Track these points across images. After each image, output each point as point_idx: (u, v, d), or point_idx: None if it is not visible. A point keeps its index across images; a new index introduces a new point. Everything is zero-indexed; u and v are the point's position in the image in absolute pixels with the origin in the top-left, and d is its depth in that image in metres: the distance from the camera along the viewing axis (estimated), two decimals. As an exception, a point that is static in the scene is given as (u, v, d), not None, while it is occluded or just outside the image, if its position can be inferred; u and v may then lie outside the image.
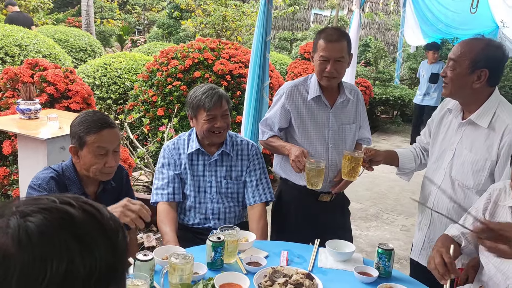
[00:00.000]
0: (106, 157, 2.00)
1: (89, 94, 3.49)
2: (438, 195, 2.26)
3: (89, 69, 5.74)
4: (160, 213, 2.43)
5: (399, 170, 2.51)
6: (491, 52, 2.05)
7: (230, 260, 2.02)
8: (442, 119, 2.35)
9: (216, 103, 2.35)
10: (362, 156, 2.28)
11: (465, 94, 2.11)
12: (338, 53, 2.34)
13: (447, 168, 2.22)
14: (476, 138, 2.12)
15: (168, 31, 14.00)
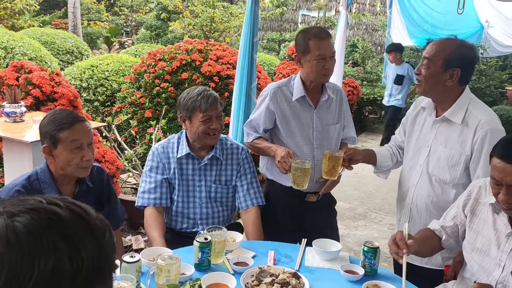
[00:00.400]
0: (82, 150, 2.00)
1: (75, 97, 3.47)
2: (416, 191, 2.32)
3: (76, 71, 5.70)
4: (147, 218, 2.41)
5: (376, 169, 2.57)
6: (464, 52, 2.13)
7: (217, 260, 2.02)
8: (416, 118, 2.42)
9: (212, 104, 2.35)
10: (342, 155, 2.31)
11: (437, 91, 2.19)
12: (331, 49, 2.42)
13: (424, 164, 2.28)
14: (450, 134, 2.20)
15: (156, 32, 13.96)
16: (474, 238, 1.92)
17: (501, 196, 1.70)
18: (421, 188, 2.30)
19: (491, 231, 1.86)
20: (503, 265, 1.78)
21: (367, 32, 15.57)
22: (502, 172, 1.66)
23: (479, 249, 1.89)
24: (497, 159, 1.69)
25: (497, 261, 1.81)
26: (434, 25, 10.58)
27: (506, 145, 1.71)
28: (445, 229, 2.04)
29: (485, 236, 1.88)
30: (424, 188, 2.29)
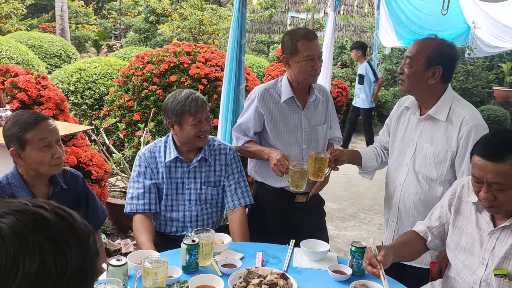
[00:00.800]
0: (51, 148, 2.00)
1: (62, 100, 3.45)
2: (404, 190, 2.34)
3: (63, 74, 5.67)
4: (135, 223, 2.39)
5: (362, 169, 2.58)
6: (445, 50, 2.17)
7: (205, 262, 2.02)
8: (400, 117, 2.45)
9: (201, 106, 2.34)
10: (328, 156, 2.32)
11: (420, 90, 2.23)
12: (319, 49, 2.45)
13: (410, 162, 2.31)
14: (435, 132, 2.23)
15: (145, 35, 13.92)
16: (458, 236, 1.94)
17: (482, 194, 1.71)
18: (408, 187, 2.32)
19: (474, 229, 1.87)
20: (486, 263, 1.80)
21: (356, 34, 15.67)
22: (483, 169, 1.68)
23: (463, 248, 1.91)
24: (477, 156, 1.70)
25: (480, 260, 1.82)
26: (421, 26, 10.66)
27: (486, 143, 1.73)
28: (431, 229, 2.05)
29: (468, 235, 1.89)
30: (411, 186, 2.31)
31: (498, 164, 1.65)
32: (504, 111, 9.08)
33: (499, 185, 1.66)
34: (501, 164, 1.64)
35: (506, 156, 1.64)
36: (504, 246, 1.76)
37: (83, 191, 2.31)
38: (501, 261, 1.76)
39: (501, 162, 1.64)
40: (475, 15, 10.24)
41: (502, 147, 1.67)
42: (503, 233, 1.78)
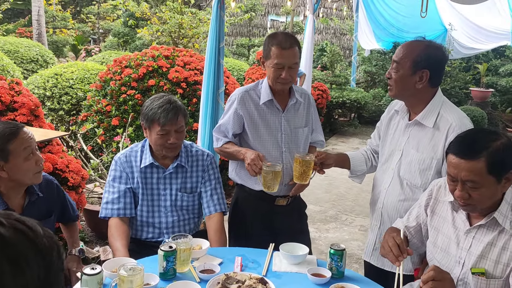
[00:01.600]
0: (34, 155, 2.01)
1: (37, 106, 3.37)
2: (387, 195, 2.31)
3: (39, 80, 5.56)
4: (111, 228, 2.35)
5: (351, 173, 2.54)
6: (431, 52, 2.13)
7: (183, 269, 1.99)
8: (390, 121, 2.41)
9: (171, 119, 2.29)
10: (313, 159, 2.30)
11: (408, 94, 2.18)
12: (292, 59, 2.38)
13: (395, 168, 2.28)
14: (422, 138, 2.19)
15: (124, 39, 13.78)
16: (435, 236, 1.95)
17: (457, 192, 1.72)
18: (392, 192, 2.29)
19: (450, 229, 1.88)
20: (462, 262, 1.81)
21: (336, 36, 15.77)
22: (457, 168, 1.69)
23: (440, 247, 1.91)
24: (452, 155, 1.71)
25: (457, 259, 1.83)
26: (399, 28, 10.81)
27: (460, 141, 1.74)
28: (408, 229, 2.06)
29: (445, 234, 1.91)
30: (395, 192, 2.28)
31: (471, 162, 1.66)
32: (481, 111, 9.22)
33: (473, 183, 1.67)
34: (475, 161, 1.65)
35: (480, 154, 1.65)
36: (480, 244, 1.77)
37: (57, 197, 2.30)
38: (478, 260, 1.77)
39: (475, 160, 1.65)
40: (451, 17, 10.42)
41: (476, 145, 1.68)
42: (479, 231, 1.79)
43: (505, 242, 1.73)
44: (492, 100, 10.74)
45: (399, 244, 1.82)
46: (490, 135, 1.71)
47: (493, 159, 1.65)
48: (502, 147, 1.67)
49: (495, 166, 1.65)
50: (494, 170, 1.65)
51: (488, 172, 1.65)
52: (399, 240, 1.84)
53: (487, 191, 1.68)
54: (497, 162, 1.65)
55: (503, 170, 1.68)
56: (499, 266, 1.73)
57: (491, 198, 1.72)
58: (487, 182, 1.67)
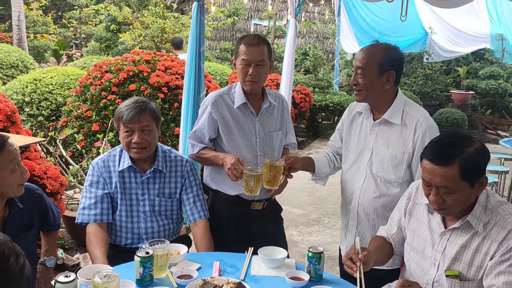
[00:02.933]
0: (20, 167, 1.97)
1: (13, 111, 3.32)
2: (362, 194, 2.35)
3: (18, 85, 5.48)
4: (89, 235, 2.33)
5: (314, 176, 2.59)
6: (393, 54, 2.23)
7: (160, 274, 1.97)
8: (352, 123, 2.47)
9: (133, 117, 2.28)
10: (283, 164, 2.31)
11: (376, 96, 2.27)
12: (258, 56, 2.39)
13: (367, 166, 2.33)
14: (391, 135, 2.26)
15: (106, 44, 13.68)
16: (412, 238, 1.97)
17: (432, 197, 1.74)
18: (367, 190, 2.33)
19: (426, 230, 1.90)
20: (437, 264, 1.83)
21: (319, 40, 15.89)
22: (431, 173, 1.70)
23: (416, 249, 1.93)
24: (426, 160, 1.73)
25: (432, 260, 1.85)
26: (381, 32, 10.91)
27: (434, 147, 1.76)
28: (392, 236, 2.07)
29: (421, 236, 1.92)
30: (369, 190, 2.32)
31: (445, 168, 1.67)
32: (461, 113, 9.36)
33: (447, 189, 1.69)
34: (449, 168, 1.67)
35: (453, 160, 1.67)
36: (454, 247, 1.79)
37: (38, 207, 2.24)
38: (452, 262, 1.79)
39: (449, 166, 1.67)
40: (431, 20, 10.56)
41: (450, 151, 1.70)
42: (453, 234, 1.81)
43: (478, 245, 1.74)
44: (472, 102, 10.91)
45: (351, 255, 1.83)
46: (464, 140, 1.73)
47: (466, 165, 1.66)
48: (475, 153, 1.69)
49: (468, 172, 1.67)
50: (468, 176, 1.67)
51: (462, 178, 1.67)
52: (352, 251, 1.85)
53: (460, 196, 1.70)
54: (470, 168, 1.67)
55: (476, 175, 1.70)
56: (472, 269, 1.75)
57: (465, 202, 1.73)
58: (461, 187, 1.68)
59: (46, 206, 2.30)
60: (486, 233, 1.73)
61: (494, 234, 1.72)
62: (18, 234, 2.07)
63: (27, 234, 2.14)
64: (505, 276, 1.66)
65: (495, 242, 1.71)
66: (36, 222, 2.22)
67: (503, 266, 1.67)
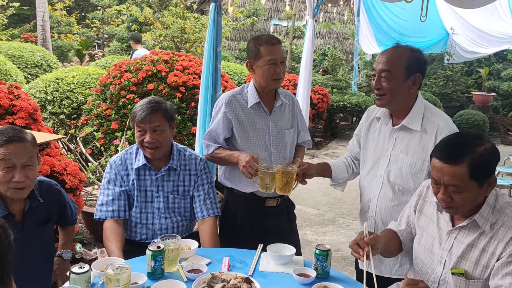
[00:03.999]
0: (13, 171, 1.95)
1: (35, 109, 3.43)
2: (379, 202, 2.31)
3: (41, 84, 5.64)
4: (106, 230, 2.40)
5: (332, 181, 2.56)
6: (419, 56, 2.17)
7: (171, 268, 2.03)
8: (369, 128, 2.42)
9: (145, 117, 2.35)
10: (296, 170, 2.31)
11: (401, 100, 2.19)
12: (282, 54, 2.48)
13: (385, 174, 2.28)
14: (410, 142, 2.21)
15: (127, 44, 13.88)
16: (420, 235, 1.98)
17: (440, 195, 1.75)
18: (384, 199, 2.29)
19: (434, 228, 1.91)
20: (444, 262, 1.84)
21: (338, 41, 15.82)
22: (440, 171, 1.72)
23: (424, 246, 1.94)
24: (436, 159, 1.74)
25: (439, 258, 1.86)
26: (401, 32, 10.82)
27: (445, 145, 1.77)
28: (401, 232, 2.08)
29: (429, 234, 1.93)
30: (387, 198, 2.28)
31: (454, 166, 1.69)
32: (482, 115, 9.23)
33: (455, 187, 1.70)
34: (458, 166, 1.68)
35: (463, 159, 1.68)
36: (461, 246, 1.80)
37: (57, 202, 2.32)
38: (458, 261, 1.80)
39: (458, 165, 1.68)
40: (453, 21, 10.43)
41: (460, 150, 1.70)
42: (460, 233, 1.82)
43: (485, 244, 1.75)
44: (494, 104, 10.74)
45: (358, 241, 1.85)
46: (474, 140, 1.73)
47: (476, 165, 1.67)
48: (485, 153, 1.69)
49: (478, 172, 1.68)
50: (476, 176, 1.68)
51: (470, 177, 1.68)
52: (359, 236, 1.86)
53: (469, 195, 1.71)
54: (480, 168, 1.68)
55: (485, 175, 1.70)
56: (478, 268, 1.76)
57: (473, 201, 1.74)
58: (469, 186, 1.69)
59: (64, 201, 2.38)
60: (493, 233, 1.74)
61: (501, 234, 1.73)
62: (37, 227, 2.15)
63: (45, 228, 2.22)
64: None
65: (502, 243, 1.71)
66: (54, 217, 2.30)
67: (511, 267, 1.68)
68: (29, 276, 2.11)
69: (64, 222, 2.46)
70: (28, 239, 2.10)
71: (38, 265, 2.16)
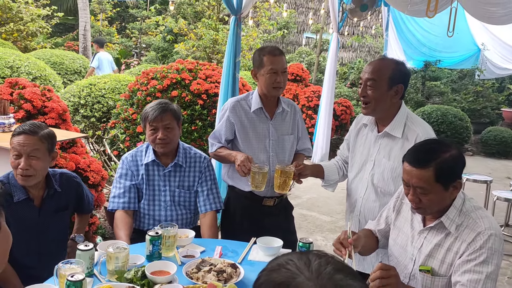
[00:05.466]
0: (19, 159, 2.27)
1: (64, 111, 3.77)
2: (363, 203, 2.50)
3: (75, 89, 6.05)
4: (116, 220, 2.65)
5: (324, 182, 2.75)
6: (402, 68, 2.36)
7: (168, 253, 2.25)
8: (358, 134, 2.62)
9: (157, 116, 2.60)
10: (293, 170, 2.51)
11: (384, 108, 2.38)
12: (283, 64, 2.68)
13: (369, 177, 2.47)
14: (392, 148, 2.39)
15: (163, 54, 14.41)
16: (396, 234, 2.13)
17: (410, 196, 1.91)
18: (368, 200, 2.48)
19: (409, 228, 2.06)
20: (414, 259, 1.98)
21: (370, 54, 15.88)
22: (409, 174, 1.88)
23: (399, 244, 2.09)
24: (406, 163, 1.90)
25: (410, 256, 2.01)
26: (431, 47, 10.82)
27: (414, 151, 1.93)
28: (380, 231, 2.24)
29: (404, 233, 2.08)
30: (371, 200, 2.47)
31: (422, 170, 1.84)
32: (510, 132, 9.11)
33: (422, 189, 1.85)
34: (425, 170, 1.83)
35: (430, 163, 1.83)
36: (429, 245, 1.94)
37: (75, 193, 2.61)
38: (426, 259, 1.94)
39: (425, 169, 1.83)
40: (484, 37, 10.37)
41: (427, 155, 1.86)
42: (430, 233, 1.96)
43: (450, 244, 1.89)
44: (525, 121, 10.55)
45: (341, 240, 2.01)
46: (441, 147, 1.88)
47: (441, 169, 1.82)
48: (451, 159, 1.84)
49: (442, 175, 1.83)
50: (441, 179, 1.83)
51: (436, 180, 1.82)
52: (343, 235, 2.02)
53: (435, 197, 1.86)
54: (445, 172, 1.83)
55: (450, 179, 1.85)
56: (443, 266, 1.90)
57: (439, 203, 1.89)
58: (435, 189, 1.84)
59: (82, 192, 2.67)
60: (458, 234, 1.88)
61: (465, 235, 1.86)
62: (55, 212, 2.44)
63: (62, 214, 2.51)
64: (470, 274, 1.79)
65: (465, 243, 1.84)
66: (71, 205, 2.59)
67: (469, 265, 1.81)
68: (44, 255, 2.40)
69: (81, 210, 2.74)
70: (45, 222, 2.39)
71: (53, 246, 2.45)
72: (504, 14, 6.67)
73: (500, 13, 6.70)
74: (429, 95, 11.24)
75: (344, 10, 7.46)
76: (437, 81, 11.11)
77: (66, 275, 1.74)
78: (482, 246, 1.78)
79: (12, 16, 11.81)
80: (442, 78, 11.20)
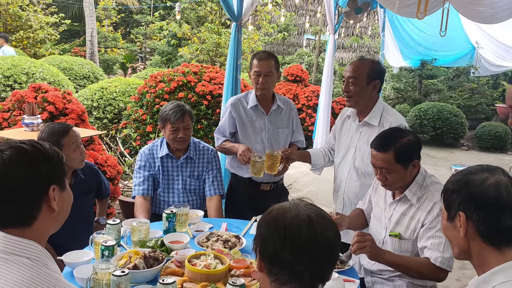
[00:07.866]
0: (79, 148, 2.76)
1: (83, 112, 4.17)
2: (347, 183, 2.89)
3: (88, 92, 6.46)
4: (136, 205, 3.03)
5: (312, 166, 3.14)
6: (378, 66, 2.78)
7: (181, 229, 2.64)
8: (343, 124, 3.01)
9: (179, 118, 2.96)
10: (280, 154, 2.89)
11: (364, 102, 2.78)
12: (267, 68, 3.03)
13: (351, 161, 2.86)
14: (370, 135, 2.76)
15: (167, 58, 14.83)
16: (375, 208, 2.52)
17: (378, 176, 2.30)
18: (351, 180, 2.87)
19: (382, 202, 2.45)
20: (386, 227, 2.37)
21: (369, 54, 16.25)
22: (375, 157, 2.26)
23: (376, 217, 2.48)
24: (372, 148, 2.30)
25: (383, 225, 2.39)
26: (427, 47, 11.14)
27: (378, 138, 2.31)
28: (366, 210, 2.63)
29: (379, 207, 2.47)
30: (353, 180, 2.86)
31: (384, 153, 2.23)
32: (504, 127, 9.44)
33: (386, 169, 2.24)
34: (386, 153, 2.22)
35: (390, 147, 2.21)
36: (396, 214, 2.33)
37: (95, 179, 3.04)
38: (394, 226, 2.33)
39: (386, 152, 2.22)
40: (478, 35, 10.68)
41: (388, 141, 2.25)
42: (398, 204, 2.35)
43: (413, 213, 2.28)
44: (519, 116, 10.85)
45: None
46: (400, 133, 2.27)
47: (399, 152, 2.21)
48: (407, 143, 2.23)
49: (401, 157, 2.21)
50: (400, 160, 2.21)
51: (396, 161, 2.21)
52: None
53: (397, 175, 2.25)
54: (403, 154, 2.21)
55: (408, 159, 2.23)
56: (408, 231, 2.28)
57: (402, 180, 2.27)
58: (396, 168, 2.23)
59: (100, 178, 3.11)
60: (420, 205, 2.26)
61: (424, 206, 2.25)
62: (82, 196, 2.84)
63: (88, 198, 2.93)
64: (433, 239, 2.18)
65: (424, 212, 2.23)
66: (93, 189, 3.01)
67: (431, 232, 2.19)
68: (75, 235, 2.79)
69: (100, 195, 3.16)
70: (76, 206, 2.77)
71: (81, 227, 2.84)
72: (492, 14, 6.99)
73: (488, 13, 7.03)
74: (427, 93, 11.59)
75: (340, 13, 7.81)
76: (434, 79, 11.46)
77: (101, 242, 2.13)
78: (439, 214, 2.16)
79: (21, 24, 12.29)
80: (439, 76, 11.55)
